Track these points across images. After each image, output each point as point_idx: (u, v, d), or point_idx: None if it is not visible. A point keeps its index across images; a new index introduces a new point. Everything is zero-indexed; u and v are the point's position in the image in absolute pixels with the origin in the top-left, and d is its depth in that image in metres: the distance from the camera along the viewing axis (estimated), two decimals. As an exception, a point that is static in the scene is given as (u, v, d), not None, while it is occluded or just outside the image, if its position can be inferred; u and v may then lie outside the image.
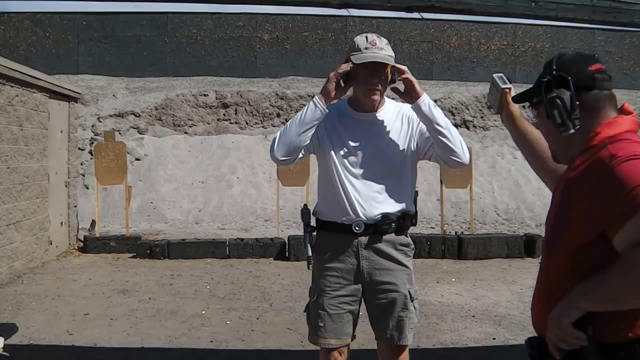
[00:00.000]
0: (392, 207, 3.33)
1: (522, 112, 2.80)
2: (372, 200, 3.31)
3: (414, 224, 3.46)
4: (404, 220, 3.37)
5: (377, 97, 3.33)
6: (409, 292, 3.38)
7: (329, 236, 3.42)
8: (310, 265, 3.46)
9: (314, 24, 21.01)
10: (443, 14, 4.19)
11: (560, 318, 1.99)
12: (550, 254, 2.18)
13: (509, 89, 2.80)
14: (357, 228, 3.30)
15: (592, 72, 2.14)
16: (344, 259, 3.37)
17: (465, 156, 3.29)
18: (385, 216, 3.31)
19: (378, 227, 3.32)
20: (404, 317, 3.36)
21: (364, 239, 3.34)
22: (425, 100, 3.24)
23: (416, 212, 3.47)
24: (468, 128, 18.02)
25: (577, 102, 2.10)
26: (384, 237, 3.34)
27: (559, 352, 2.03)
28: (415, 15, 4.22)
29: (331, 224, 3.39)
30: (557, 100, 2.11)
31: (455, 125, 17.69)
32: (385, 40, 3.31)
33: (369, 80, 3.27)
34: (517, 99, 2.46)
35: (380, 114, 3.41)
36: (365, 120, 3.41)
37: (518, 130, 2.76)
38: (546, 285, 2.20)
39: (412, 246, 3.49)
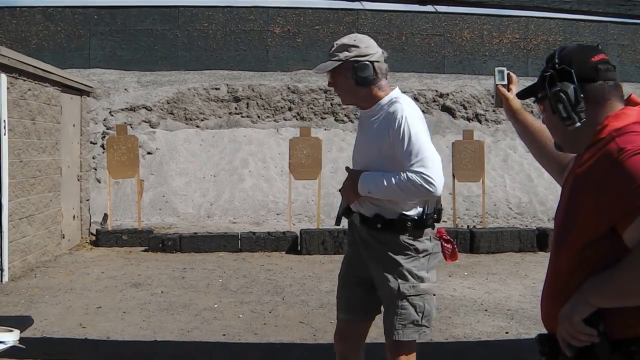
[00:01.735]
0: (368, 210, 3.37)
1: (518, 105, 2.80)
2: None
3: (409, 227, 3.33)
4: (391, 222, 3.34)
5: (342, 99, 3.45)
6: (399, 287, 3.35)
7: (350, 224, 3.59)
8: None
9: (326, 17, 20.97)
10: (457, 7, 4.17)
11: (571, 315, 1.97)
12: (559, 249, 2.16)
13: (503, 85, 2.81)
14: (355, 220, 3.45)
15: (595, 63, 2.11)
16: (356, 249, 3.49)
17: (430, 190, 3.20)
18: (376, 215, 3.35)
19: (368, 223, 3.39)
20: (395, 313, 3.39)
21: (363, 233, 3.42)
22: (365, 191, 3.29)
23: (420, 215, 3.36)
24: (480, 122, 17.95)
25: (582, 95, 2.08)
26: (372, 232, 3.38)
27: (570, 349, 2.01)
28: (429, 8, 4.21)
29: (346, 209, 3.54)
30: (561, 93, 2.09)
31: (468, 119, 17.74)
32: (345, 39, 3.37)
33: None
34: (521, 94, 2.44)
35: (371, 111, 3.42)
36: (362, 118, 3.51)
37: (519, 122, 2.75)
38: (555, 281, 2.18)
39: (413, 247, 3.36)
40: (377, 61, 3.32)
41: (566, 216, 2.13)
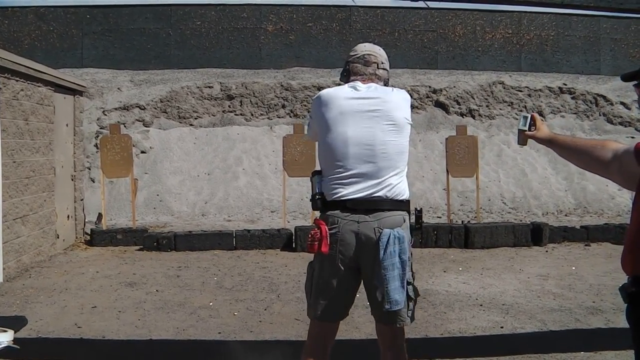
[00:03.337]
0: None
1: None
2: None
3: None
4: None
5: None
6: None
7: None
8: None
9: (319, 14, 20.94)
10: (448, 2, 4.18)
11: None
12: None
13: (525, 130, 3.02)
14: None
15: None
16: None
17: None
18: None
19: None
20: None
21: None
22: None
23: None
24: (473, 117, 17.96)
25: None
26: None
27: None
28: (420, 4, 4.21)
29: None
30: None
31: (461, 115, 17.78)
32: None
33: None
34: (624, 77, 2.44)
35: None
36: None
37: (554, 146, 2.80)
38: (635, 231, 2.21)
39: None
40: (352, 62, 3.61)
41: None
